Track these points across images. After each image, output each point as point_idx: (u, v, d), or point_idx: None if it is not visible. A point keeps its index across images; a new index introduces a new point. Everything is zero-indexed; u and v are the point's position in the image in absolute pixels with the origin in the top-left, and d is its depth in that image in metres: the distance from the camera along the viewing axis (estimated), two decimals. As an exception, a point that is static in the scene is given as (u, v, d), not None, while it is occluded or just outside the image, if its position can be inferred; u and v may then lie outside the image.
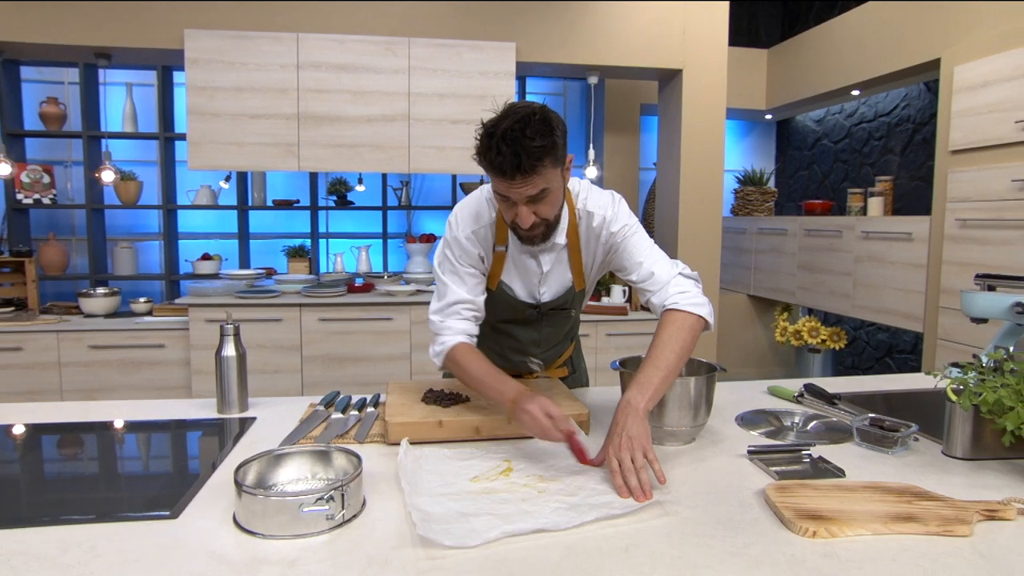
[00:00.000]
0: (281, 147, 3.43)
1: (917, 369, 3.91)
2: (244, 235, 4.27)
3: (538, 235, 1.33)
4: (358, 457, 1.06)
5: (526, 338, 1.58)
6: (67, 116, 3.97)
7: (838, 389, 1.72)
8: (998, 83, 2.82)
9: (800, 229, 4.18)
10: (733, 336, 4.80)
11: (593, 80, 3.91)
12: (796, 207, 4.97)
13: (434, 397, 1.45)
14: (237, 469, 1.01)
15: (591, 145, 4.07)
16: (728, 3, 3.77)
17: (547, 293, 1.49)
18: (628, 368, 1.41)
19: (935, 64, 3.26)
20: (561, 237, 1.40)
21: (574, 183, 1.44)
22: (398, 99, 3.50)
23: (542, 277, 1.46)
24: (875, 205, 3.70)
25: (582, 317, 3.61)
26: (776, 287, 4.48)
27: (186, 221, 4.29)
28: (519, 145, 1.15)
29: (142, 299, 3.67)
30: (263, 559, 0.88)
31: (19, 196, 3.82)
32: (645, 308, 3.83)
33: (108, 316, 3.60)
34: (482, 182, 4.13)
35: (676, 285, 1.34)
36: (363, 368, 3.48)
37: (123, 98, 4.05)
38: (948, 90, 3.09)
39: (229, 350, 1.52)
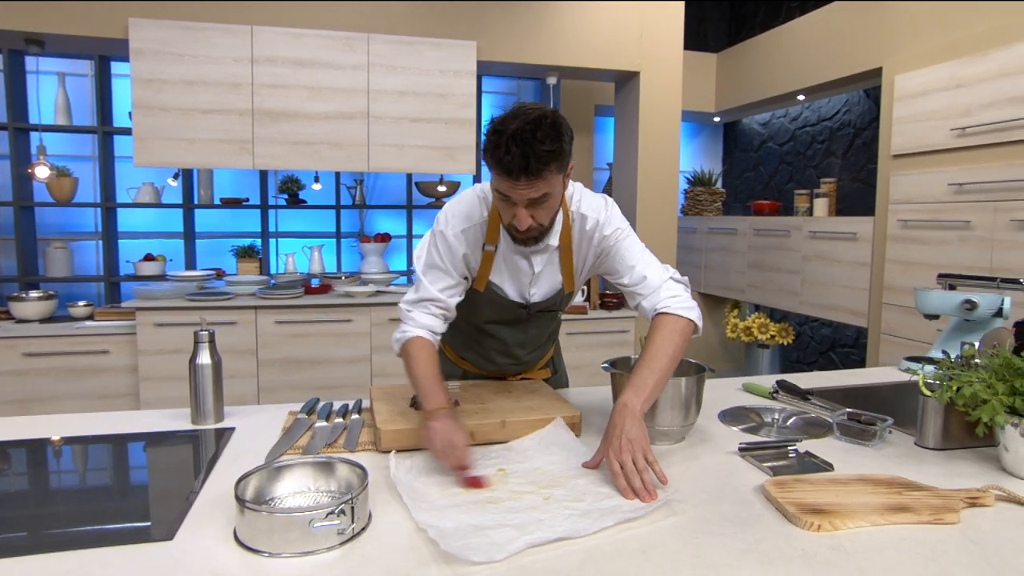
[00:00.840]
0: (234, 144, 3.30)
1: (859, 362, 4.12)
2: (190, 235, 4.08)
3: (532, 238, 1.33)
4: (362, 468, 1.03)
5: (512, 339, 1.57)
6: (-10, 107, 3.69)
7: (806, 384, 1.79)
8: (935, 92, 2.99)
9: (749, 228, 4.33)
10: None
11: (552, 80, 3.93)
12: (744, 207, 5.15)
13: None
14: (237, 483, 0.97)
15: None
16: (683, 7, 3.86)
17: (537, 294, 1.49)
18: (618, 368, 1.43)
19: (877, 72, 3.43)
20: (554, 239, 1.40)
21: (569, 184, 1.45)
22: (357, 96, 3.43)
23: (533, 278, 1.46)
24: (820, 206, 3.87)
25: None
26: (726, 285, 4.63)
27: (126, 220, 4.07)
28: (528, 147, 1.14)
29: (81, 302, 3.46)
30: (276, 579, 0.84)
31: (-63, 192, 3.53)
32: (604, 307, 3.88)
33: (43, 321, 3.38)
34: (441, 181, 4.09)
35: (667, 289, 1.36)
36: (322, 371, 3.39)
37: (55, 88, 3.80)
38: (890, 97, 3.26)
39: (204, 357, 1.45)
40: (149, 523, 0.98)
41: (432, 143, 3.57)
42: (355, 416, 1.48)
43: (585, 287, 3.83)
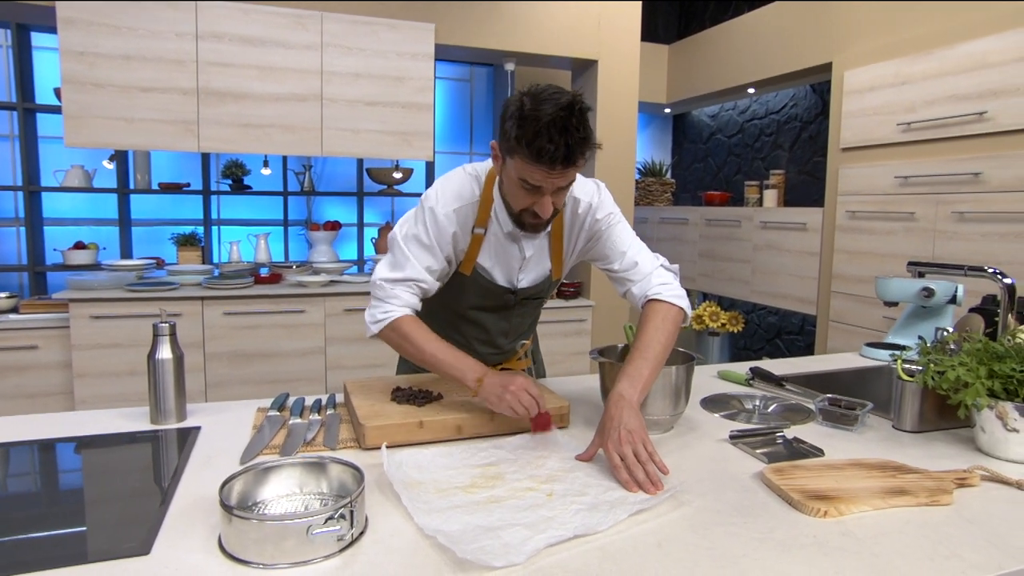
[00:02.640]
0: (178, 125, 3.09)
1: (805, 348, 4.27)
2: (125, 221, 3.82)
3: (544, 224, 1.29)
4: (356, 468, 0.96)
5: (495, 327, 1.52)
6: None
7: (775, 371, 1.81)
8: (882, 88, 3.11)
9: (701, 219, 4.42)
10: (636, 321, 4.99)
11: (510, 67, 3.88)
12: (693, 198, 5.25)
13: (406, 396, 1.36)
14: (221, 488, 0.89)
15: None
16: (639, -2, 3.88)
17: (525, 280, 1.44)
18: (606, 356, 1.41)
19: (827, 68, 3.54)
20: (548, 225, 1.36)
21: None
22: (310, 77, 3.27)
23: (523, 263, 1.41)
24: (770, 197, 3.98)
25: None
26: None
27: (52, 205, 3.77)
28: (568, 135, 1.10)
29: (3, 294, 3.18)
30: (274, 592, 0.77)
31: None
32: (562, 296, 3.88)
33: (-41, 315, 3.09)
34: (396, 167, 3.98)
35: (658, 276, 1.35)
36: (273, 365, 3.24)
37: (-33, 60, 3.47)
38: (839, 92, 3.37)
39: (165, 352, 1.34)
40: (120, 537, 0.88)
41: (388, 128, 3.45)
42: (331, 412, 1.41)
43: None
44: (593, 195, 1.38)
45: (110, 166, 3.68)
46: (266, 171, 3.95)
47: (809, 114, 4.16)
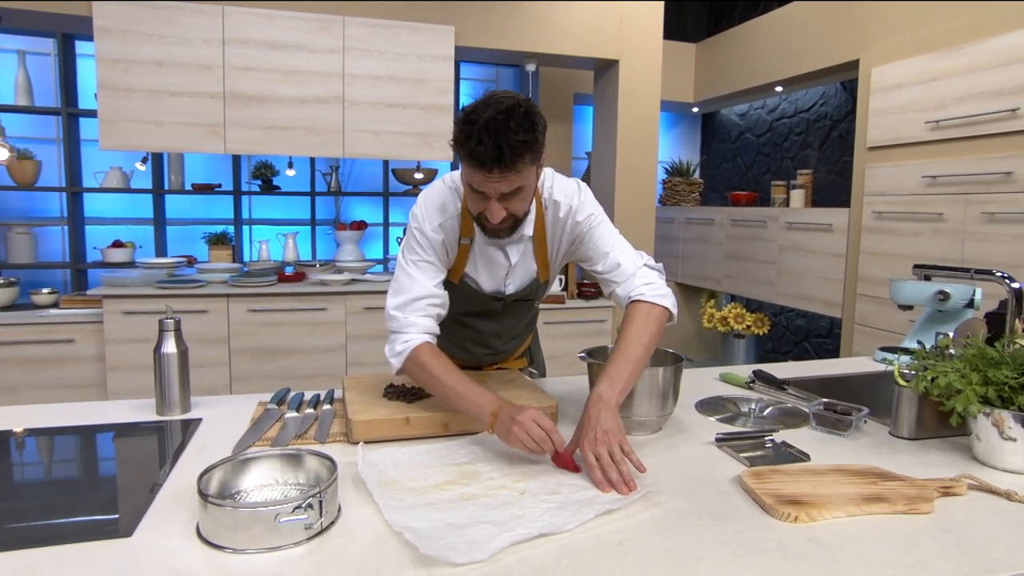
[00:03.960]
0: (205, 128, 3.20)
1: (833, 352, 4.17)
2: (160, 221, 3.97)
3: (505, 228, 1.28)
4: (331, 460, 1.00)
5: (488, 330, 1.54)
6: (-54, 85, 3.55)
7: (783, 374, 1.79)
8: (911, 85, 3.02)
9: (727, 219, 4.35)
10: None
11: (531, 67, 3.89)
12: (721, 198, 5.17)
13: (396, 392, 1.39)
14: (200, 477, 0.93)
15: (528, 133, 4.05)
16: (662, -4, 3.85)
17: (512, 285, 1.46)
18: (595, 358, 1.41)
19: (854, 65, 3.45)
20: (528, 229, 1.37)
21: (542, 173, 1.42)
22: (332, 80, 3.35)
23: (509, 270, 1.42)
24: (797, 197, 3.90)
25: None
26: (703, 275, 4.65)
27: (93, 205, 3.95)
28: (502, 137, 1.09)
29: (45, 290, 3.35)
30: (239, 576, 0.81)
31: None
32: (582, 296, 3.88)
33: (5, 309, 3.26)
34: (418, 168, 4.03)
35: (642, 276, 1.34)
36: (295, 361, 3.33)
37: (15, 67, 3.66)
38: (866, 90, 3.29)
39: (169, 346, 1.41)
40: (107, 519, 0.93)
41: (408, 129, 3.51)
42: (327, 407, 1.45)
43: (563, 276, 3.82)
44: (573, 197, 1.38)
45: (143, 168, 3.83)
46: (290, 172, 4.05)
47: (839, 112, 4.06)
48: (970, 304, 1.91)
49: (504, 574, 0.82)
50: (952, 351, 1.32)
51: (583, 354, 1.42)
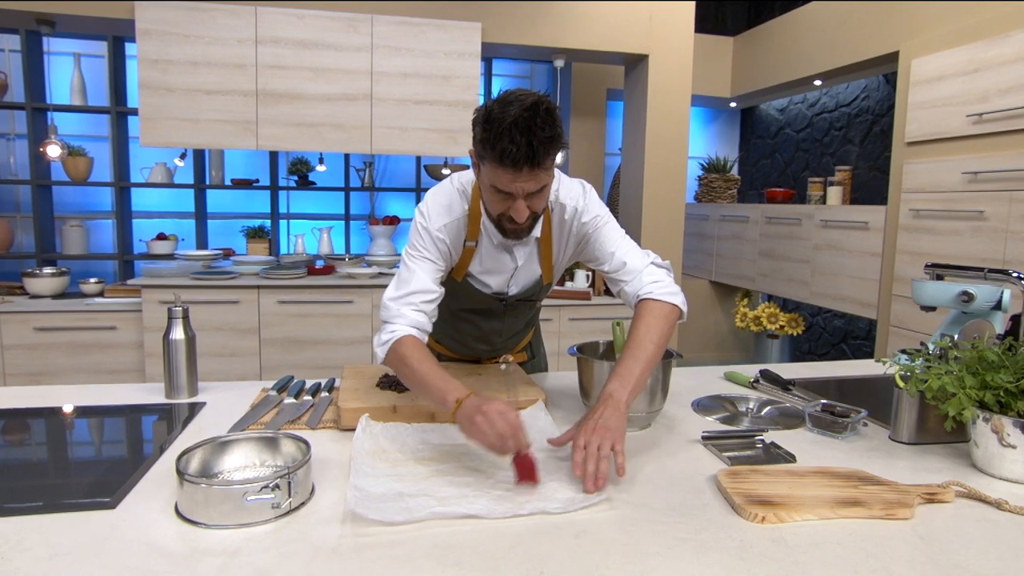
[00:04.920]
0: (238, 124, 3.32)
1: (871, 354, 4.02)
2: (201, 215, 4.13)
3: (525, 228, 1.27)
4: (306, 443, 1.04)
5: (489, 327, 1.56)
6: (8, 86, 3.77)
7: (794, 375, 1.75)
8: (952, 77, 2.88)
9: (761, 216, 4.24)
10: (694, 321, 4.87)
11: (559, 63, 3.88)
12: (758, 195, 5.05)
13: (389, 382, 1.43)
14: (180, 457, 0.98)
15: (557, 129, 4.04)
16: (695, -11, 3.77)
17: (516, 287, 1.46)
18: (585, 354, 1.41)
19: (894, 56, 3.32)
20: (537, 231, 1.36)
21: None
22: (360, 78, 3.42)
23: (515, 272, 1.43)
24: (834, 194, 3.77)
25: (545, 302, 3.62)
26: (737, 273, 4.55)
27: (141, 200, 4.14)
28: (532, 135, 1.08)
29: (92, 280, 3.54)
30: (205, 550, 0.85)
31: (-42, 170, 3.62)
32: (608, 293, 3.85)
33: (56, 297, 3.46)
34: (446, 164, 4.08)
35: (649, 275, 1.32)
36: (322, 352, 3.42)
37: (71, 69, 3.87)
38: (906, 82, 3.15)
39: (177, 333, 1.47)
40: (96, 492, 0.99)
41: (435, 126, 3.55)
42: (324, 394, 1.49)
43: (589, 273, 3.80)
44: (579, 199, 1.37)
45: (180, 163, 3.99)
46: (321, 167, 4.15)
47: (881, 107, 3.90)
48: (997, 306, 1.82)
49: (455, 560, 0.84)
50: (957, 354, 1.27)
51: (573, 349, 1.42)
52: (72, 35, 3.87)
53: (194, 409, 1.41)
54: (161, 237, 3.93)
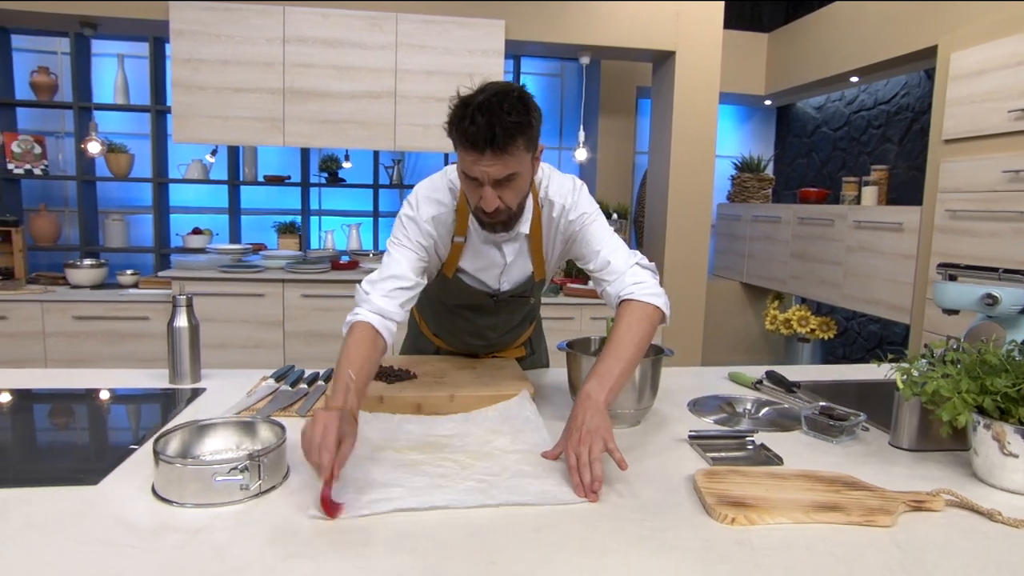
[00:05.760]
0: (266, 122, 3.40)
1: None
2: (235, 210, 4.26)
3: (500, 222, 1.27)
4: (282, 428, 1.05)
5: (483, 323, 1.55)
6: (58, 86, 3.95)
7: (804, 377, 1.70)
8: (994, 71, 2.74)
9: (794, 217, 4.13)
10: (725, 323, 4.77)
11: (585, 61, 3.85)
12: (792, 195, 4.90)
13: (380, 373, 1.44)
14: (158, 438, 1.01)
15: (582, 127, 4.02)
16: (726, -16, 3.70)
17: (507, 283, 1.46)
18: (575, 349, 1.40)
19: (933, 51, 3.18)
20: (525, 227, 1.36)
21: (538, 169, 1.41)
22: (384, 76, 3.46)
23: (505, 268, 1.43)
24: (869, 194, 3.64)
25: (566, 300, 3.61)
26: (769, 275, 4.44)
27: (179, 195, 4.29)
28: (495, 117, 1.09)
29: (129, 271, 3.68)
30: (170, 527, 0.87)
31: (10, 166, 3.81)
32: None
33: (94, 287, 3.61)
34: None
35: (632, 275, 1.30)
36: (346, 346, 3.47)
37: (115, 69, 4.03)
38: (944, 78, 3.02)
39: (181, 321, 1.51)
40: (81, 469, 1.03)
41: (460, 123, 3.56)
42: (321, 383, 1.52)
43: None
44: (567, 196, 1.36)
45: (212, 159, 4.11)
46: (347, 164, 4.22)
47: (922, 104, 3.74)
48: (1025, 310, 1.73)
49: (410, 547, 0.84)
50: (958, 358, 1.21)
51: (563, 344, 1.41)
52: (116, 37, 4.03)
53: (195, 395, 1.45)
54: (196, 231, 4.05)
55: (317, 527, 0.88)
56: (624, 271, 1.31)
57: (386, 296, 1.25)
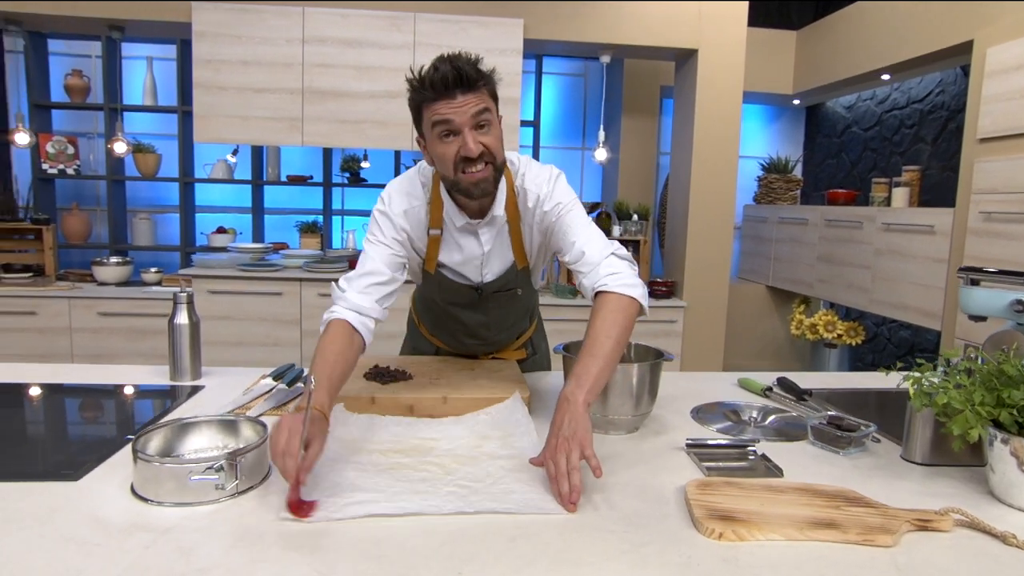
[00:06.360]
0: (285, 122, 3.43)
1: (938, 370, 3.72)
2: (258, 209, 4.31)
3: (486, 177, 1.23)
4: (264, 427, 1.04)
5: (474, 321, 1.52)
6: (91, 89, 4.06)
7: (820, 384, 1.63)
8: (1033, 67, 2.62)
9: (821, 219, 4.01)
10: (750, 327, 4.66)
11: (605, 59, 3.79)
12: (821, 196, 4.77)
13: (375, 373, 1.43)
14: (138, 436, 1.00)
15: (602, 127, 3.97)
16: (748, -20, 3.61)
17: (489, 274, 1.43)
18: (571, 352, 1.36)
19: (968, 47, 3.05)
20: (499, 208, 1.34)
21: (514, 158, 1.38)
22: (402, 75, 3.43)
23: (484, 257, 1.40)
24: (899, 196, 3.51)
25: (579, 301, 3.55)
26: (795, 278, 4.32)
27: (205, 194, 4.36)
28: (458, 61, 1.16)
29: (153, 269, 3.75)
30: (140, 525, 0.86)
31: (44, 166, 3.92)
32: (651, 295, 3.73)
33: (120, 284, 3.69)
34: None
35: (607, 266, 1.24)
36: (362, 345, 3.48)
37: (144, 71, 4.12)
38: (979, 74, 2.89)
39: (182, 318, 1.52)
40: (65, 464, 1.03)
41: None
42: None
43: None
44: (543, 186, 1.33)
45: (233, 160, 4.16)
46: (365, 164, 4.24)
47: (957, 102, 3.60)
48: (1057, 317, 1.63)
49: (377, 554, 0.81)
50: (971, 368, 1.14)
51: (559, 347, 1.37)
52: (145, 40, 4.11)
53: (193, 392, 1.45)
54: (220, 230, 4.12)
55: (286, 530, 0.86)
56: (599, 262, 1.26)
57: (362, 292, 1.25)
